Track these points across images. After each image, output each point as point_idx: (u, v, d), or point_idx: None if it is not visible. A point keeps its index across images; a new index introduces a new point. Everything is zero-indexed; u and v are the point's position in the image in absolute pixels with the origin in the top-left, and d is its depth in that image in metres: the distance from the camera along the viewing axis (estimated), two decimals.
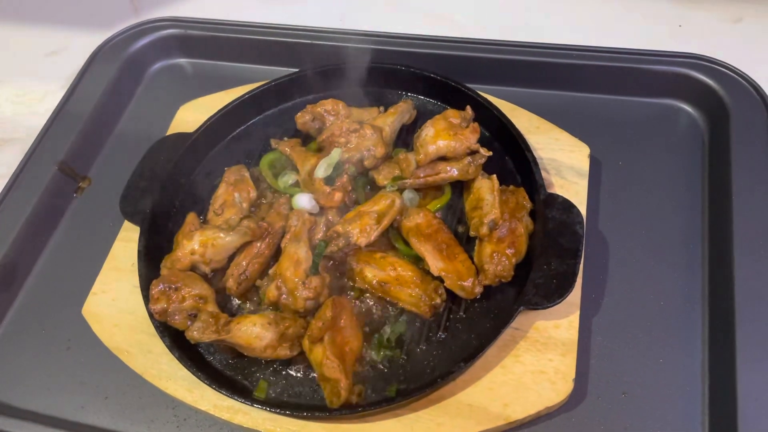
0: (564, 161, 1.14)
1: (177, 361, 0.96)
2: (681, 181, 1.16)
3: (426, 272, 1.02)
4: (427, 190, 1.12)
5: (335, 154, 1.08)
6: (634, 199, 1.14)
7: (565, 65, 1.27)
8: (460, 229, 1.10)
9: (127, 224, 1.17)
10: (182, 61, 1.49)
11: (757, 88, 1.18)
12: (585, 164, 1.14)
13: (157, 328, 0.99)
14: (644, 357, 0.98)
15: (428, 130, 1.08)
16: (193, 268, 1.05)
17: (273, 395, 0.97)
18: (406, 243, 1.05)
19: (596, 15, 1.43)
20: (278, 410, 0.93)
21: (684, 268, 1.06)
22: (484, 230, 1.00)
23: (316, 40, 1.37)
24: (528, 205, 1.05)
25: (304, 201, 1.07)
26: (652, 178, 1.16)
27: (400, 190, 1.09)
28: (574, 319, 0.98)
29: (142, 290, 1.03)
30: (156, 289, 0.99)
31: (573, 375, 0.93)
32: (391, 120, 1.16)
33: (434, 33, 1.35)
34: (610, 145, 1.21)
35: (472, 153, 1.08)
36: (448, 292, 1.01)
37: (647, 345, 0.99)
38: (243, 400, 0.93)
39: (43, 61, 1.55)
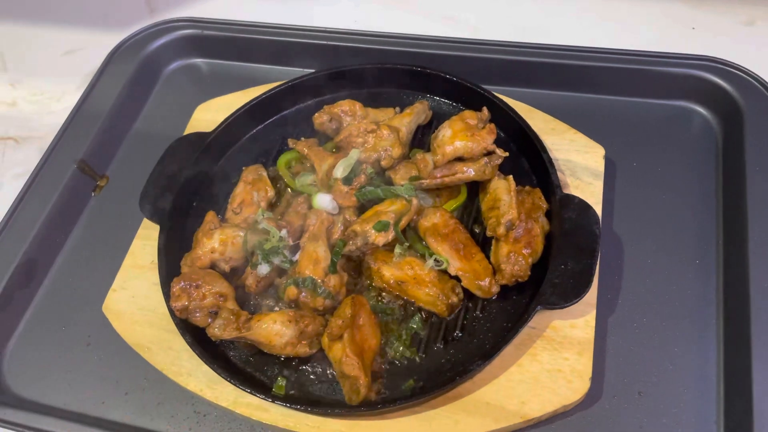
0: (579, 162, 1.15)
1: (197, 358, 0.98)
2: (695, 182, 1.16)
3: (443, 272, 1.03)
4: (444, 191, 1.13)
5: (353, 155, 1.10)
6: (648, 200, 1.15)
7: (580, 67, 1.28)
8: (477, 229, 1.11)
9: (145, 222, 1.18)
10: (199, 61, 1.50)
11: None
12: (600, 165, 1.15)
13: (177, 325, 1.01)
14: (660, 357, 0.99)
15: (445, 131, 1.09)
16: (212, 265, 1.07)
17: (292, 392, 0.98)
18: (423, 242, 1.06)
19: (610, 17, 1.44)
20: (297, 406, 0.94)
21: (698, 268, 1.07)
22: (501, 230, 1.01)
23: (331, 41, 1.38)
24: (544, 205, 1.06)
25: (325, 201, 1.09)
26: (666, 180, 1.17)
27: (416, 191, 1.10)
28: (591, 318, 0.99)
29: (162, 287, 1.04)
30: (177, 286, 1.00)
31: (589, 374, 0.94)
32: (407, 121, 1.18)
33: (450, 34, 1.36)
34: (625, 146, 1.21)
35: (489, 154, 1.09)
36: (465, 291, 1.02)
37: (662, 345, 1.00)
38: (263, 396, 0.94)
39: (60, 60, 1.56)
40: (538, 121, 1.20)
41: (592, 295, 1.00)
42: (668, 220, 1.13)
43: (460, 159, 1.09)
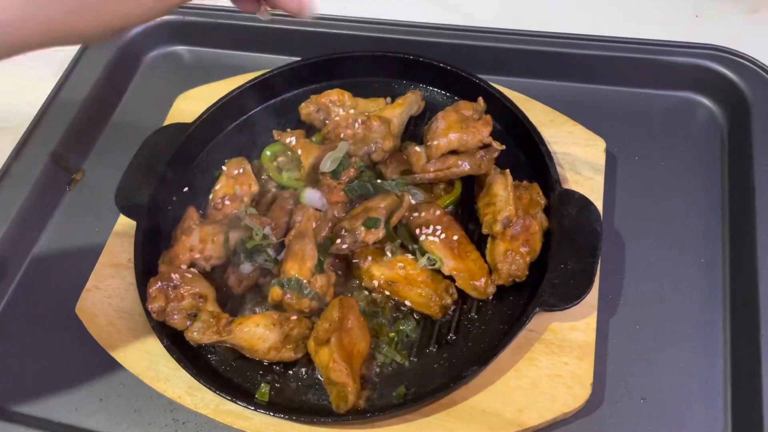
0: (579, 156, 1.10)
1: (176, 363, 0.92)
2: (700, 177, 1.12)
3: (436, 271, 0.98)
4: (437, 185, 1.08)
5: (342, 148, 1.04)
6: (651, 196, 1.10)
7: (580, 56, 1.22)
8: (471, 226, 1.05)
9: (122, 219, 1.12)
10: (180, 48, 1.44)
11: None
12: (601, 159, 1.10)
13: (154, 327, 0.95)
14: (664, 361, 0.94)
15: (439, 123, 1.03)
16: (192, 264, 1.01)
17: (276, 399, 0.93)
18: (415, 240, 1.01)
19: (612, 4, 1.38)
20: (281, 415, 0.88)
21: (704, 267, 1.02)
22: (498, 228, 0.96)
23: (319, 27, 1.32)
24: (542, 201, 1.01)
25: (314, 197, 1.03)
26: (669, 174, 1.12)
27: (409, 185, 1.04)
28: (591, 320, 0.94)
29: (138, 288, 0.99)
30: (153, 287, 0.94)
31: (590, 379, 0.90)
32: (399, 111, 1.12)
33: (443, 21, 1.30)
34: (626, 139, 1.16)
35: (485, 146, 1.04)
36: (460, 292, 0.97)
37: (667, 348, 0.95)
38: (245, 404, 0.89)
39: None
40: (536, 112, 1.14)
41: (592, 295, 0.95)
42: (672, 216, 1.08)
43: (454, 152, 1.04)
